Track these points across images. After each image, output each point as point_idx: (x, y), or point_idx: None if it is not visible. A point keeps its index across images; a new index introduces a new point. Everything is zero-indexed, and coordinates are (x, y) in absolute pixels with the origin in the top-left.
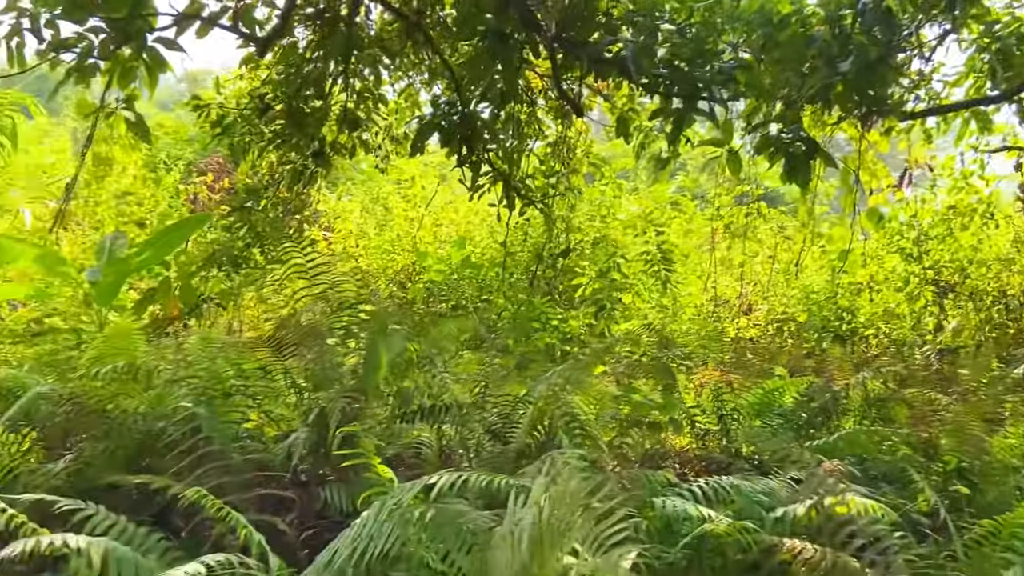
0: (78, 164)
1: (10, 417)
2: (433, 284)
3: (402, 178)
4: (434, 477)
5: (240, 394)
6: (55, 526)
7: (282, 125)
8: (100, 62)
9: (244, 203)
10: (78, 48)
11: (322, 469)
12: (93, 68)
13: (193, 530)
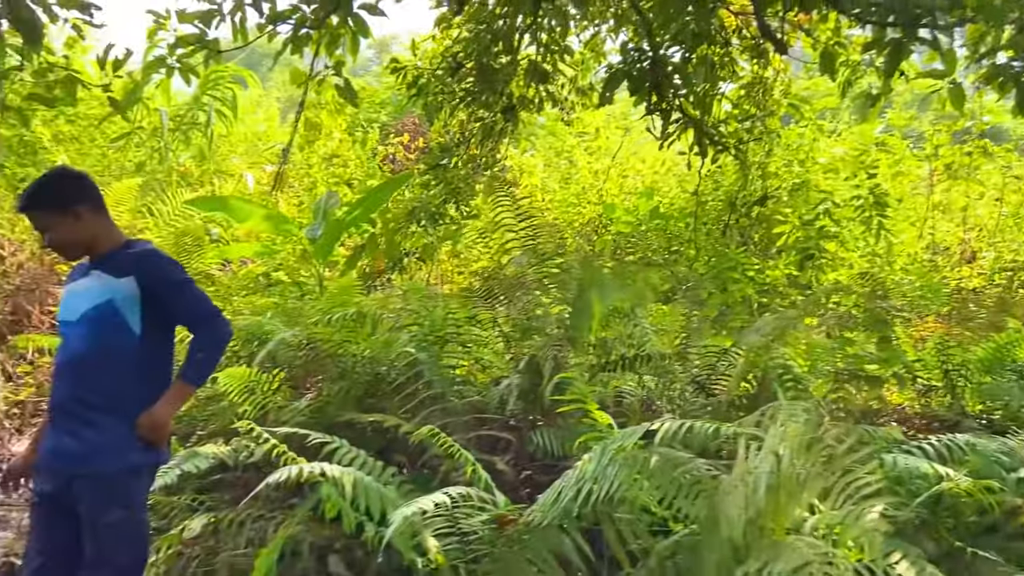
0: (292, 130)
1: (260, 360)
2: (621, 236)
3: (586, 130)
4: (656, 423)
5: (453, 342)
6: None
7: (472, 83)
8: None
9: (438, 161)
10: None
11: (533, 414)
12: (305, 38)
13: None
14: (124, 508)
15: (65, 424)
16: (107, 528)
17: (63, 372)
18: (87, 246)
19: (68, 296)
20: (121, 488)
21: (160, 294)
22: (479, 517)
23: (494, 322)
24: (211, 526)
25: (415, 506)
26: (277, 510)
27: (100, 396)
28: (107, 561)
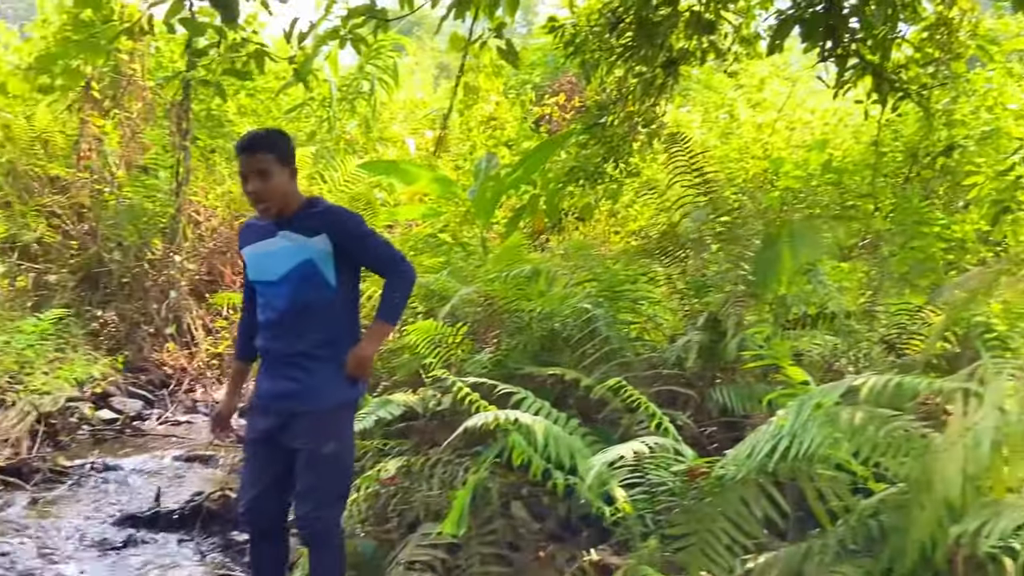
0: (451, 94)
1: (444, 314)
2: (789, 192)
3: (749, 82)
4: (859, 379)
5: (627, 299)
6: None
7: (631, 37)
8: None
9: (596, 120)
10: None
11: (712, 371)
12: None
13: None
14: (338, 440)
15: (280, 371)
16: (324, 458)
17: (271, 327)
18: (283, 203)
19: (260, 257)
20: (334, 422)
21: (350, 247)
22: (669, 469)
23: (668, 279)
24: (404, 468)
25: (613, 453)
26: (464, 456)
27: (308, 345)
28: (321, 489)
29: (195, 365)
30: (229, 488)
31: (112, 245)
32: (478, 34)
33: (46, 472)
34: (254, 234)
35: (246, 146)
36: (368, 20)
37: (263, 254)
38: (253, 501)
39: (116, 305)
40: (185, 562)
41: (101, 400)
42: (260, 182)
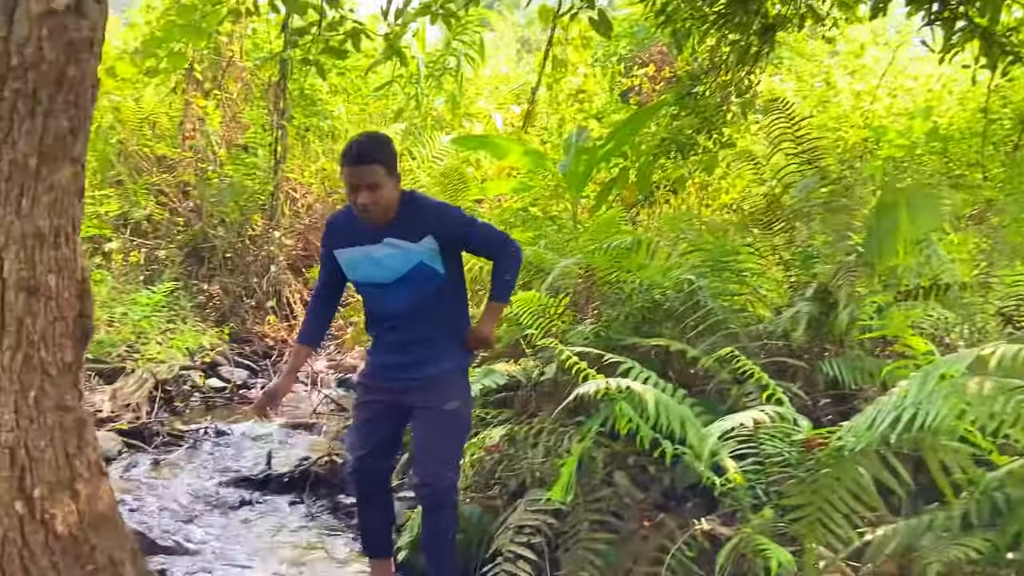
0: (539, 68)
1: (547, 285)
2: (893, 161)
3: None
4: (987, 348)
5: (731, 270)
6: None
7: (725, 4)
8: None
9: (688, 90)
10: None
11: (822, 344)
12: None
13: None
14: (457, 400)
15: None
16: (445, 418)
17: (387, 321)
18: (389, 212)
19: (365, 263)
20: (454, 385)
21: (456, 241)
22: (785, 439)
23: (774, 250)
24: (507, 436)
25: (732, 421)
26: (567, 425)
27: (426, 331)
28: (441, 449)
29: (294, 337)
30: (335, 454)
31: (215, 221)
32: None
33: (165, 435)
34: (349, 236)
35: (356, 158)
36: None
37: (368, 260)
38: (360, 462)
39: (220, 279)
40: (295, 522)
41: (210, 369)
42: (370, 194)
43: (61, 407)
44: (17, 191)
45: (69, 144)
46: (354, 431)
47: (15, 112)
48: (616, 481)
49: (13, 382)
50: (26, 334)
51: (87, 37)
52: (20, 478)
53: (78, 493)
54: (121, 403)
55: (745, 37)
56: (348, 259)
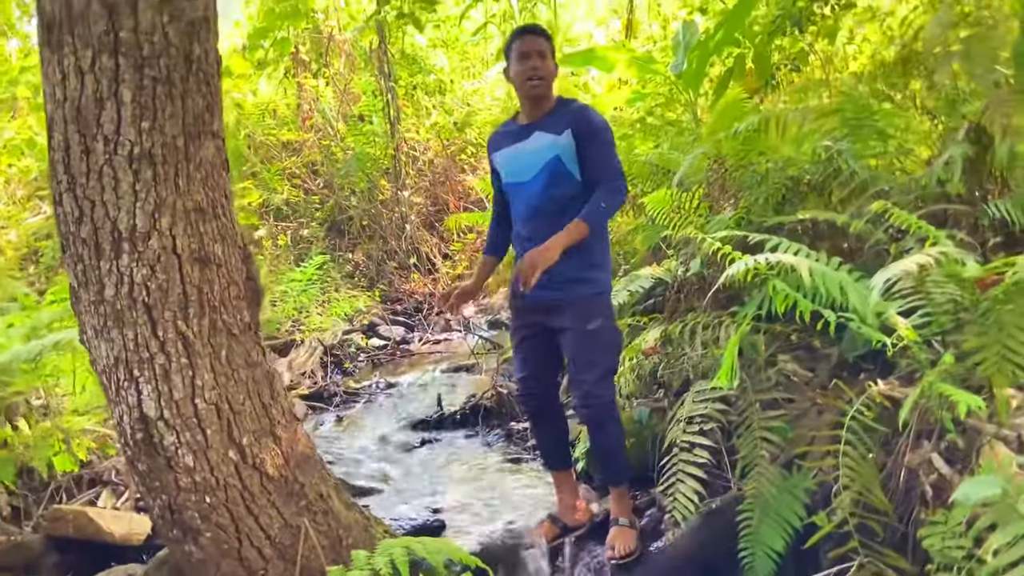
0: None
1: (678, 180)
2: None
3: None
4: None
5: (870, 127)
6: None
7: None
8: None
9: None
10: None
11: (983, 186)
12: None
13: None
14: (604, 318)
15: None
16: (593, 334)
17: (528, 224)
18: (550, 90)
19: (513, 157)
20: (598, 303)
21: (586, 142)
22: (953, 282)
23: (913, 99)
24: (663, 338)
25: (895, 268)
26: (723, 316)
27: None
28: (594, 362)
29: (440, 289)
30: (499, 387)
31: (347, 193)
32: None
33: (342, 395)
34: (505, 139)
35: (529, 29)
36: None
37: (517, 154)
38: (525, 384)
39: (362, 246)
40: (475, 453)
41: (370, 330)
42: (540, 60)
43: (250, 363)
44: (173, 171)
45: (207, 120)
46: (515, 355)
47: (156, 99)
48: (782, 365)
49: (205, 345)
50: (207, 300)
51: (203, 16)
52: (228, 430)
53: (279, 438)
54: (298, 372)
55: None
56: (503, 160)
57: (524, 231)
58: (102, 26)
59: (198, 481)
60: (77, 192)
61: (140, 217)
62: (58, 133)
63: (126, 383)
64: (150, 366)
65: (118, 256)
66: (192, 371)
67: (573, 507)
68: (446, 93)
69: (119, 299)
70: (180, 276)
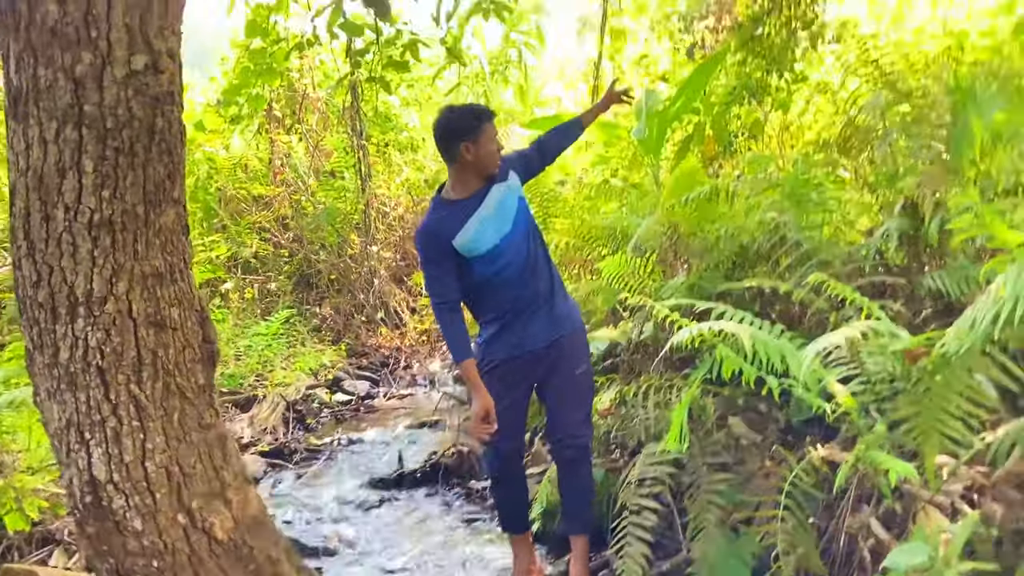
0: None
1: (632, 247)
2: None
3: None
4: None
5: (813, 201)
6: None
7: None
8: None
9: (751, 34)
10: None
11: (919, 259)
12: None
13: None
14: (586, 362)
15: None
16: (579, 378)
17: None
18: None
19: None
20: (584, 341)
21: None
22: (884, 353)
23: (855, 174)
24: (618, 399)
25: (825, 341)
26: (675, 379)
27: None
28: (581, 403)
29: (406, 343)
30: (460, 444)
31: (316, 247)
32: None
33: (302, 451)
34: (454, 221)
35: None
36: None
37: (482, 221)
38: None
39: (330, 300)
40: (434, 512)
41: (334, 385)
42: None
43: (203, 425)
44: (132, 238)
45: (168, 188)
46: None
47: (118, 168)
48: (731, 426)
49: (158, 408)
50: (161, 364)
51: (167, 91)
52: (178, 493)
53: (230, 501)
54: (259, 428)
55: None
56: (470, 236)
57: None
58: (67, 100)
59: (146, 545)
60: (36, 257)
61: (97, 282)
62: (20, 200)
63: (77, 445)
64: (101, 429)
65: (73, 320)
66: (143, 434)
67: (528, 571)
68: (418, 150)
69: (73, 362)
70: (135, 339)
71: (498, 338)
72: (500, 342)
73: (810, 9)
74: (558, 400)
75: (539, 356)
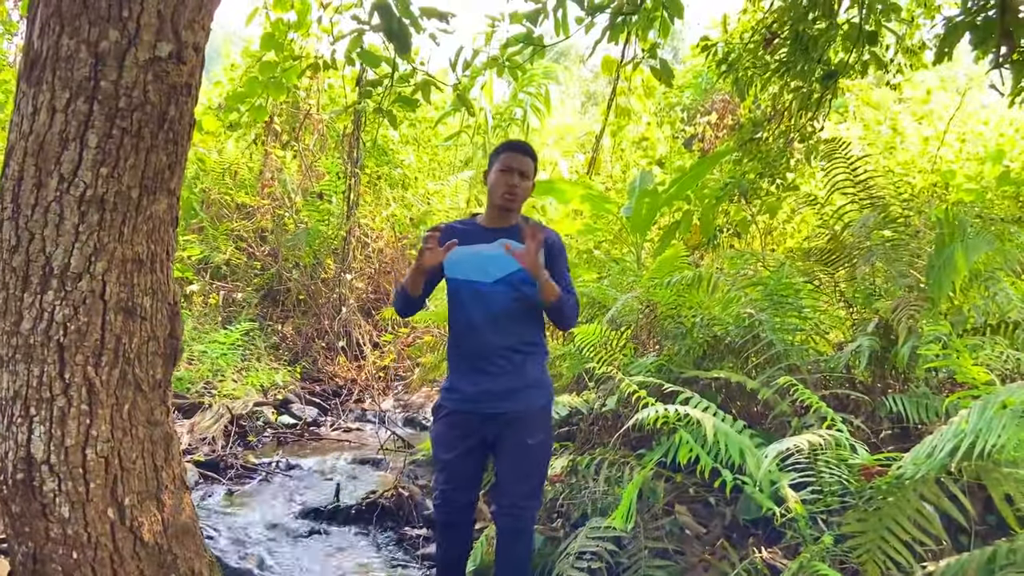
0: (604, 116)
1: (609, 318)
2: (961, 206)
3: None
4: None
5: (791, 305)
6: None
7: (787, 52)
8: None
9: (750, 136)
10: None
11: (885, 379)
12: (621, 26)
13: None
14: (544, 433)
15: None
16: (532, 449)
17: (480, 327)
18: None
19: (476, 258)
20: (543, 418)
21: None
22: (843, 464)
23: (834, 287)
24: (570, 467)
25: (788, 442)
26: (629, 456)
27: (517, 341)
28: (529, 474)
29: (363, 377)
30: (401, 487)
31: (290, 265)
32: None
33: (238, 468)
34: (465, 236)
35: (520, 148)
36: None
37: (480, 256)
38: (447, 496)
39: (294, 320)
40: (363, 552)
41: (283, 406)
42: (520, 179)
43: (151, 421)
44: (120, 220)
45: (167, 177)
46: (442, 466)
47: (121, 148)
48: (677, 516)
49: (110, 396)
50: (123, 352)
51: (186, 82)
52: (112, 487)
53: (164, 504)
54: (198, 436)
55: (808, 84)
56: (460, 255)
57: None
58: (85, 72)
59: (69, 534)
60: (19, 222)
61: (76, 258)
62: (14, 163)
63: (20, 419)
64: (48, 407)
65: (44, 291)
66: (90, 419)
67: None
68: (408, 188)
69: (34, 334)
70: (102, 322)
71: (454, 387)
72: (454, 392)
73: (810, 124)
74: (507, 467)
75: (489, 417)
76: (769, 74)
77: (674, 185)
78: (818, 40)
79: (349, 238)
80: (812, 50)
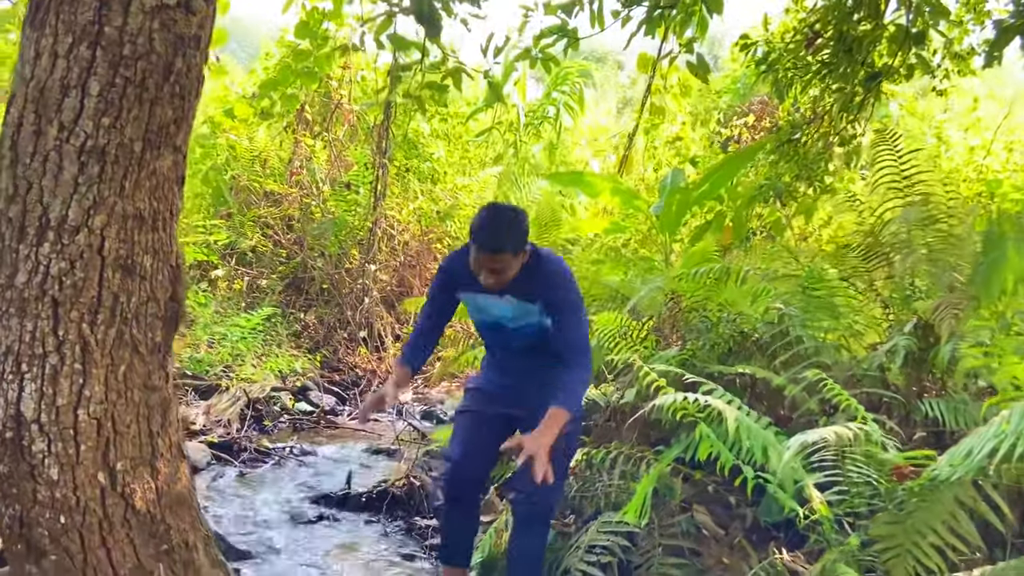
0: (638, 113)
1: (631, 307)
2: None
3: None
4: None
5: (823, 301)
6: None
7: (830, 53)
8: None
9: (789, 138)
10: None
11: (921, 381)
12: (658, 20)
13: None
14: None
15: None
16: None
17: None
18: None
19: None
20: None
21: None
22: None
23: (870, 285)
24: (585, 460)
25: (815, 434)
26: (647, 452)
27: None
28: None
29: (383, 369)
30: (413, 477)
31: (316, 254)
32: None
33: (252, 451)
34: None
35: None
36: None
37: (490, 305)
38: (457, 467)
39: (316, 309)
40: (370, 540)
41: (300, 393)
42: (497, 276)
43: (148, 386)
44: (121, 173)
45: (172, 133)
46: (455, 437)
47: (124, 98)
48: (695, 515)
49: (104, 356)
50: (120, 311)
51: (195, 33)
52: (104, 451)
53: (158, 471)
54: (214, 418)
55: (850, 86)
56: (479, 303)
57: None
58: (89, 16)
59: (58, 497)
60: (17, 170)
61: (74, 210)
62: (15, 110)
63: (11, 376)
64: (41, 364)
65: (40, 243)
66: (83, 379)
67: None
68: (437, 183)
69: (28, 288)
70: (99, 278)
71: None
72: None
73: (850, 127)
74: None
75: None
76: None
77: (706, 181)
78: (862, 41)
79: (375, 229)
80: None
